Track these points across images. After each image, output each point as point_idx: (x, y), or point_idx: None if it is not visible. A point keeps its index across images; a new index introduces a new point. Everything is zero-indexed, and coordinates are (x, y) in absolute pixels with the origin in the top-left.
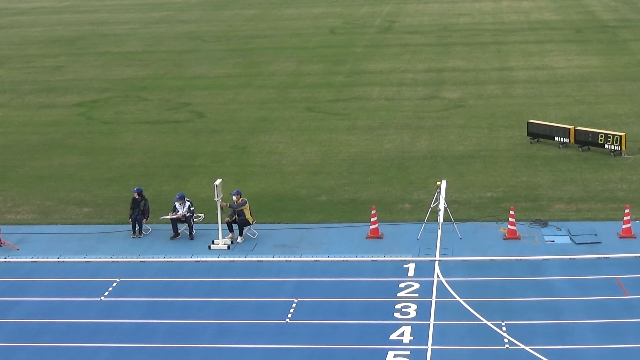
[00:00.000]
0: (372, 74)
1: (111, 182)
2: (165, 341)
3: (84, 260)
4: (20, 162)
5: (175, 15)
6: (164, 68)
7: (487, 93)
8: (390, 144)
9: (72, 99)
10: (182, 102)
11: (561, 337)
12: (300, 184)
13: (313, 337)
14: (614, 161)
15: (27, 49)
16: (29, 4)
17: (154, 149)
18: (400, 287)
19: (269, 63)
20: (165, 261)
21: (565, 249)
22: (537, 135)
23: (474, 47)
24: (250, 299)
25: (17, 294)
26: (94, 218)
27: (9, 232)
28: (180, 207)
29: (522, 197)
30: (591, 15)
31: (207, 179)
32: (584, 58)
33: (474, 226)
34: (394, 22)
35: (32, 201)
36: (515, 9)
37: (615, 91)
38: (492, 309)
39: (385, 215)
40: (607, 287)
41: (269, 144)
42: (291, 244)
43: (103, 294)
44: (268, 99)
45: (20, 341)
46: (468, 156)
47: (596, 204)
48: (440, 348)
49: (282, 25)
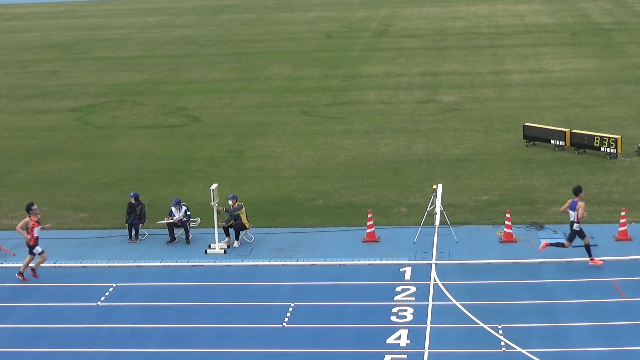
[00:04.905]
0: (368, 78)
1: (107, 187)
2: (162, 346)
3: (80, 265)
4: (16, 167)
5: (171, 20)
6: (159, 73)
7: (483, 96)
8: (386, 148)
9: (67, 104)
10: (178, 106)
11: (558, 340)
12: (296, 188)
13: (310, 341)
14: (610, 164)
15: (22, 54)
16: (25, 9)
17: (150, 154)
18: (397, 290)
19: (265, 67)
20: (162, 266)
21: (561, 252)
22: (533, 138)
23: (469, 51)
24: (246, 303)
25: (14, 299)
26: (90, 223)
27: (5, 238)
28: (177, 211)
29: (518, 200)
30: (586, 19)
31: (203, 183)
32: (579, 61)
33: (470, 229)
34: (390, 26)
35: None
36: (510, 13)
37: (610, 94)
38: (489, 312)
39: (382, 219)
40: (603, 289)
41: (265, 148)
42: (287, 248)
43: (99, 299)
44: (264, 103)
45: (17, 346)
46: (464, 159)
47: (592, 206)
48: (437, 351)
49: (278, 29)
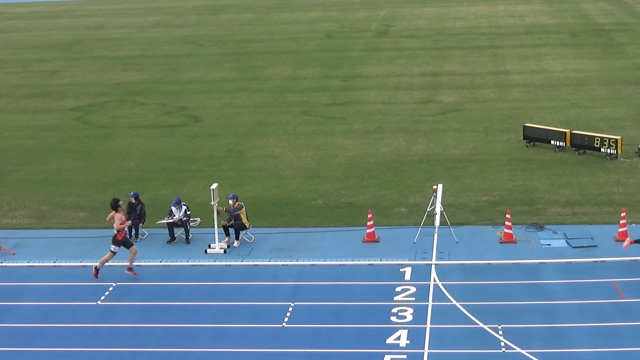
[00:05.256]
0: (368, 78)
1: (107, 187)
2: (162, 345)
3: (80, 264)
4: (16, 167)
5: (171, 19)
6: (160, 72)
7: (483, 97)
8: (387, 148)
9: (68, 103)
10: (178, 106)
11: (557, 341)
12: (296, 188)
13: (309, 341)
14: (610, 165)
15: (23, 53)
16: (25, 8)
17: (150, 153)
18: (397, 290)
19: (265, 67)
20: (162, 265)
21: (561, 253)
22: (533, 139)
23: (470, 51)
24: (246, 303)
25: (13, 299)
26: (90, 222)
27: (5, 237)
28: (177, 211)
29: (519, 200)
30: (587, 19)
31: (204, 183)
32: (579, 62)
33: (470, 230)
34: (390, 26)
35: (28, 205)
36: (511, 13)
37: (611, 95)
38: (489, 312)
39: (382, 219)
40: (603, 290)
41: (265, 148)
42: (287, 248)
43: (99, 299)
44: (264, 103)
45: (16, 346)
46: (464, 160)
47: (592, 207)
48: (437, 352)
49: (278, 29)
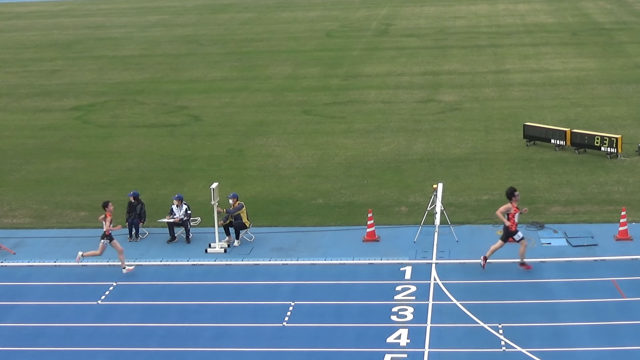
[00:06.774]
0: (368, 77)
1: (108, 186)
2: (162, 345)
3: (80, 264)
4: (16, 166)
5: (172, 19)
6: (160, 72)
7: (484, 96)
8: (387, 147)
9: (68, 102)
10: (178, 105)
11: (558, 340)
12: (296, 187)
13: (310, 340)
14: (610, 163)
15: (23, 52)
16: (25, 7)
17: (150, 153)
18: (397, 289)
19: (265, 66)
20: (162, 265)
21: (561, 252)
22: (533, 138)
23: (470, 50)
24: (247, 302)
25: (14, 298)
26: (90, 222)
27: (6, 236)
28: (177, 209)
29: (519, 199)
30: (587, 18)
31: (204, 182)
32: (580, 61)
33: (471, 229)
34: (390, 25)
35: (29, 205)
36: (511, 12)
37: (611, 94)
38: (489, 311)
39: (382, 218)
40: (603, 289)
41: (265, 148)
42: (288, 247)
43: (100, 298)
44: (264, 102)
45: (17, 345)
46: (464, 159)
47: (592, 206)
48: (437, 351)
49: (279, 28)
